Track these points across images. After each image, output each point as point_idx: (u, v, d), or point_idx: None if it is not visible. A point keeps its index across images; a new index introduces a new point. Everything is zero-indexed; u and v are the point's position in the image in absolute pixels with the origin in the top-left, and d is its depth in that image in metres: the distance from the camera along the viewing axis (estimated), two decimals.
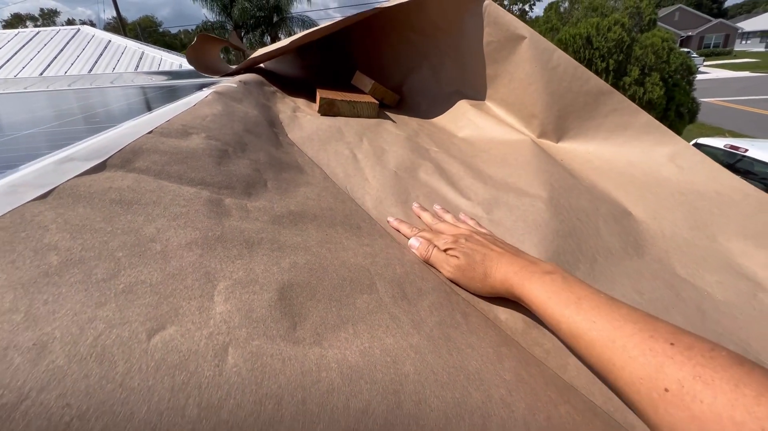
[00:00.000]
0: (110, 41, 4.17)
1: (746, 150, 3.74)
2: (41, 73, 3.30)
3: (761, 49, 29.71)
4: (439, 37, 0.85)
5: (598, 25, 7.02)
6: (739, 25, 31.24)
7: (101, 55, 3.79)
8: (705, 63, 20.76)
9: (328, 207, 0.42)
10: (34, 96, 1.03)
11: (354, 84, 0.98)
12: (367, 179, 0.56)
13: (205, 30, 13.99)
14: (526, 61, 0.66)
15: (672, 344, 0.22)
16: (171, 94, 0.77)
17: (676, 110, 6.65)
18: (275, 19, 14.01)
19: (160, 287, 0.21)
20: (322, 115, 0.78)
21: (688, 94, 6.90)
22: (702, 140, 4.21)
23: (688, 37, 27.23)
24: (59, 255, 0.20)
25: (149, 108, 0.59)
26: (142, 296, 0.20)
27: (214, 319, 0.20)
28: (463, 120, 0.82)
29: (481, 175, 0.61)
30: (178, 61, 3.78)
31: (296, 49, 1.29)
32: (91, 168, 0.26)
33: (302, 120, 0.71)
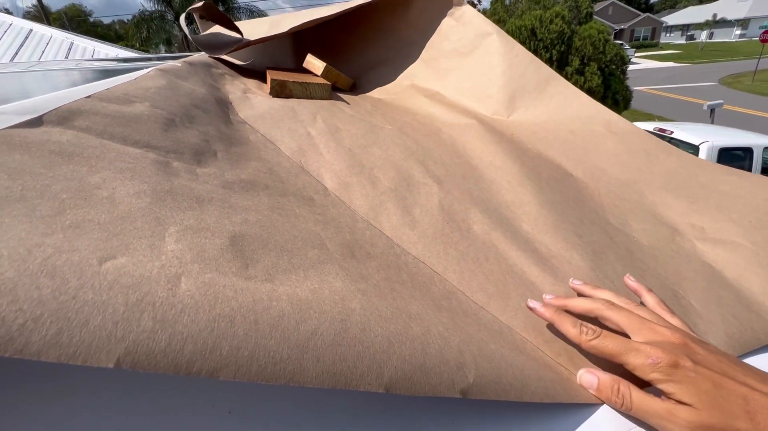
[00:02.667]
0: (32, 30, 3.77)
1: (672, 132, 4.14)
2: None
3: (682, 41, 32.66)
4: (413, 38, 0.91)
5: (541, 17, 7.38)
6: (664, 19, 34.13)
7: (22, 44, 3.42)
8: (636, 54, 22.50)
9: (280, 179, 0.42)
10: None
11: (305, 67, 0.97)
12: (322, 154, 0.56)
13: (143, 21, 13.02)
14: (491, 53, 0.75)
15: None
16: (106, 75, 0.72)
17: (612, 97, 7.17)
18: (221, 8, 13.33)
19: (108, 226, 0.20)
20: (273, 96, 0.77)
21: (623, 82, 7.47)
22: (635, 125, 4.64)
23: (621, 30, 29.32)
24: None
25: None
26: (90, 231, 0.20)
27: (166, 255, 0.20)
28: (416, 104, 0.85)
29: (433, 152, 0.64)
30: (115, 52, 3.50)
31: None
32: (25, 121, 0.25)
33: (253, 100, 0.70)
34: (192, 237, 0.23)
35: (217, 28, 1.00)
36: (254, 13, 13.45)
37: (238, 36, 0.97)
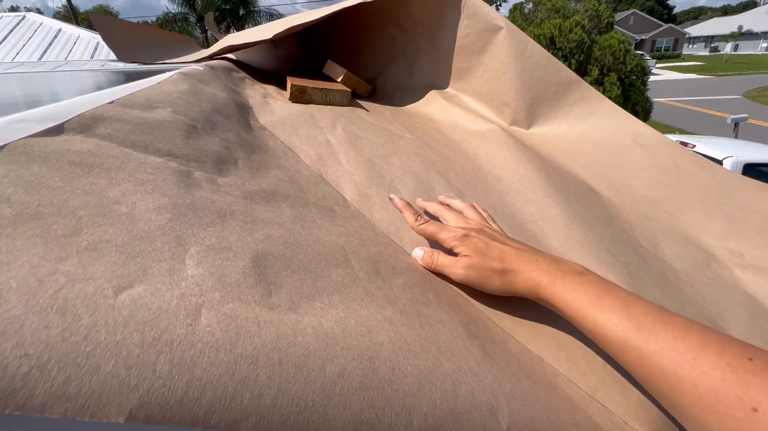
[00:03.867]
0: (61, 29, 3.89)
1: (694, 146, 4.02)
2: None
3: (705, 53, 31.99)
4: (418, 32, 0.86)
5: (560, 26, 7.31)
6: (687, 30, 33.49)
7: (51, 43, 3.53)
8: (657, 65, 22.09)
9: (300, 189, 0.41)
10: None
11: (325, 73, 0.96)
12: (342, 163, 0.55)
13: (167, 22, 13.34)
14: (502, 52, 0.68)
15: (751, 359, 0.20)
16: (130, 78, 0.73)
17: (632, 109, 7.04)
18: (242, 12, 13.58)
19: (126, 247, 0.19)
20: (293, 102, 0.76)
21: (643, 93, 7.33)
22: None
23: (642, 41, 28.88)
24: (12, 208, 0.18)
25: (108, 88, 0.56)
26: (107, 254, 0.18)
27: (186, 281, 0.19)
28: (435, 110, 0.83)
29: (455, 163, 0.62)
30: None
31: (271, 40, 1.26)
32: (46, 129, 0.24)
33: (273, 105, 0.70)
34: (213, 258, 0.21)
35: (221, 42, 1.00)
36: (274, 15, 13.67)
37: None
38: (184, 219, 0.23)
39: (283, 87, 0.88)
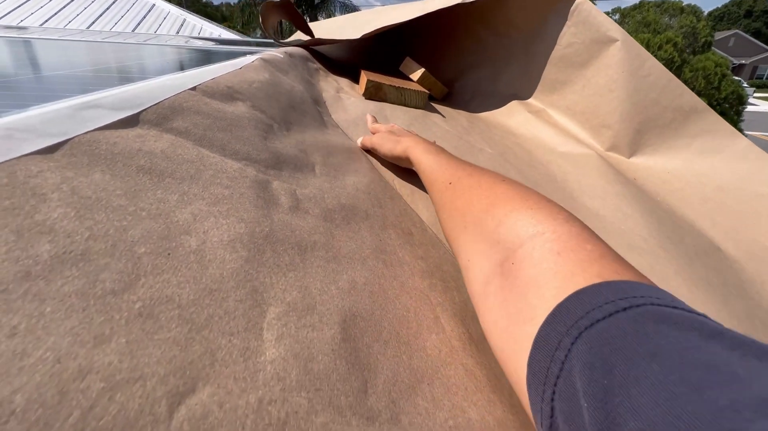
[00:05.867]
0: (154, 5, 4.21)
1: None
2: (87, 27, 3.35)
3: None
4: (513, 37, 0.78)
5: (648, 41, 6.73)
6: None
7: (144, 17, 3.83)
8: (755, 94, 19.76)
9: (378, 203, 0.37)
10: (73, 44, 1.00)
11: (401, 70, 0.91)
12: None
13: (247, 5, 14.03)
14: (612, 67, 0.59)
15: (468, 165, 0.34)
16: (214, 57, 0.72)
17: None
18: (317, 1, 13.95)
19: (192, 311, 0.14)
20: (366, 98, 0.72)
21: (736, 124, 6.57)
22: None
23: (741, 65, 25.98)
24: (54, 243, 0.13)
25: (190, 67, 0.55)
26: (166, 326, 0.13)
27: (264, 373, 0.14)
28: (518, 124, 0.75)
29: (542, 189, 0.55)
30: (218, 32, 3.79)
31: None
32: (119, 120, 0.20)
33: (346, 102, 0.66)
34: (296, 327, 0.17)
35: (298, 35, 0.98)
36: (348, 7, 13.90)
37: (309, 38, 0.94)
38: (262, 260, 0.19)
39: (354, 80, 0.84)
